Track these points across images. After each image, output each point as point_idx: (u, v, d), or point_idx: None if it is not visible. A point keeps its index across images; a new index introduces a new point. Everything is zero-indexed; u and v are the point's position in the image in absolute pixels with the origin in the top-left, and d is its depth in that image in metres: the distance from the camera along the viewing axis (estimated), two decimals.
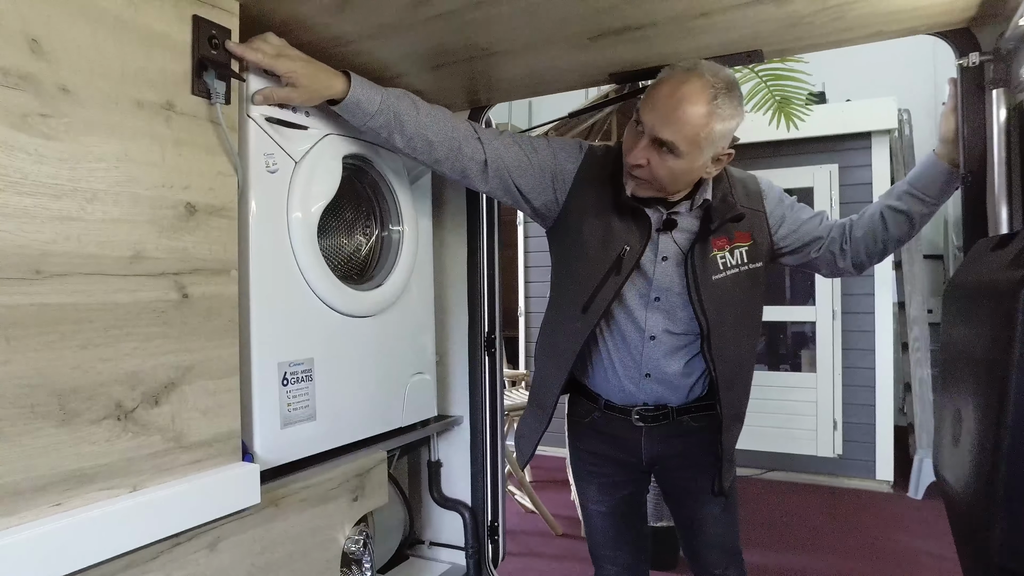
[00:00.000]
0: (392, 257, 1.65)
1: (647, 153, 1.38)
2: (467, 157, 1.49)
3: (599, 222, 1.53)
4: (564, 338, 1.59)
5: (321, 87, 1.36)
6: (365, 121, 1.41)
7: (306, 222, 1.42)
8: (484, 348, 1.97)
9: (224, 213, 1.25)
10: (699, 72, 1.35)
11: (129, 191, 1.10)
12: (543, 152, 1.55)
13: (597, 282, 1.52)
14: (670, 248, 1.52)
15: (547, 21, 1.38)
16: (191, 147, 1.19)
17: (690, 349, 1.56)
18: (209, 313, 1.22)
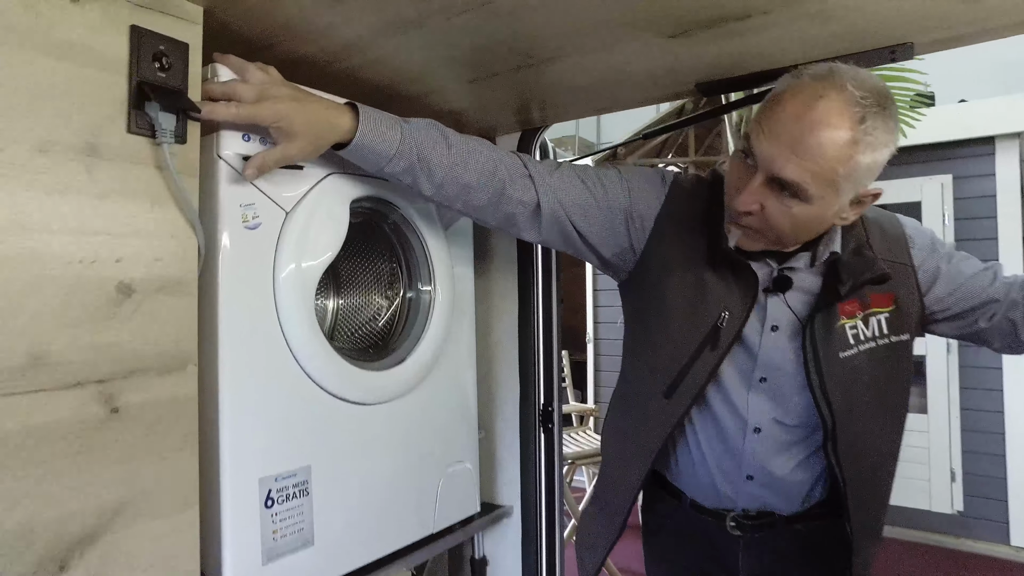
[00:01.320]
0: (421, 324, 1.28)
1: (761, 196, 0.97)
2: (514, 201, 1.11)
3: (689, 278, 1.12)
4: (642, 426, 1.19)
5: (323, 131, 1.00)
6: (382, 166, 1.05)
7: (299, 291, 1.07)
8: (539, 423, 1.58)
9: (178, 289, 0.91)
10: (838, 82, 0.92)
11: (23, 273, 0.77)
12: (614, 187, 1.16)
13: (686, 358, 1.12)
14: (782, 314, 1.10)
15: (612, 12, 0.98)
16: (126, 203, 0.86)
17: (807, 445, 1.14)
18: (154, 428, 0.88)
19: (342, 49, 1.11)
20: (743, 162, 1.00)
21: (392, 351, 1.25)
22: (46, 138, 0.79)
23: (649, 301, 1.18)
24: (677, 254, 1.14)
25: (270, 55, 1.12)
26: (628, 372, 1.27)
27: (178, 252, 0.91)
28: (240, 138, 1.00)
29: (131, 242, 0.86)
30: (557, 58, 1.14)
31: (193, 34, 0.93)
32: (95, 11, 0.84)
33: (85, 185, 0.82)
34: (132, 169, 0.86)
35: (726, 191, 1.06)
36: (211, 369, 0.98)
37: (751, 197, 0.97)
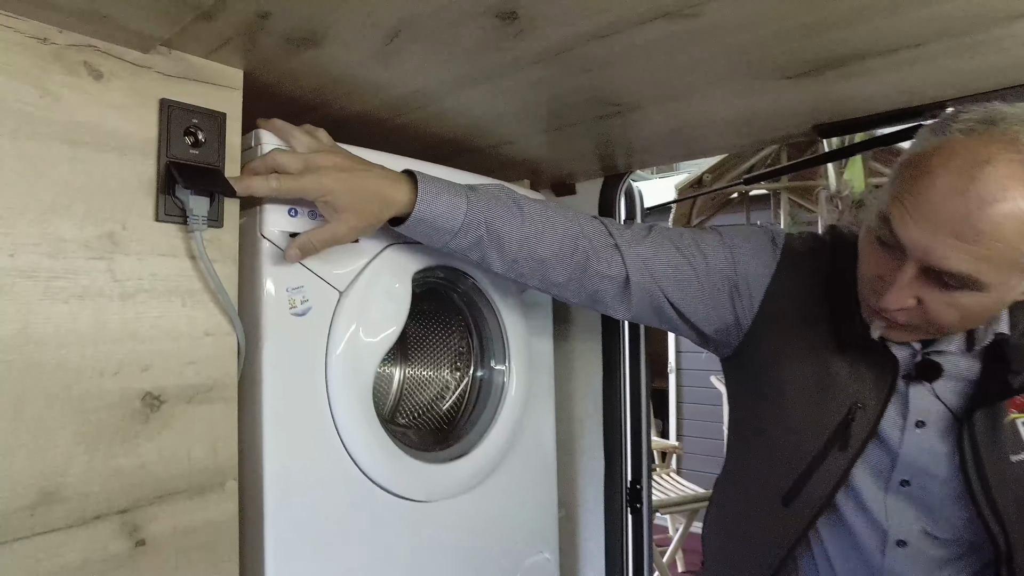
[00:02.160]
0: (492, 409, 1.12)
1: (916, 290, 0.76)
2: (599, 275, 0.94)
3: (809, 362, 0.92)
4: (755, 535, 0.98)
5: (375, 206, 0.85)
6: (446, 242, 0.90)
7: (354, 383, 0.93)
8: (627, 503, 1.39)
9: (215, 395, 0.79)
10: (1005, 134, 0.69)
11: (34, 393, 0.66)
12: (715, 253, 0.96)
13: (808, 459, 0.91)
14: (930, 407, 0.88)
15: (719, 54, 0.80)
16: (153, 303, 0.74)
17: (967, 564, 0.91)
18: (187, 557, 0.76)
19: (402, 103, 0.97)
20: (877, 248, 0.79)
21: (458, 439, 1.10)
22: (62, 237, 0.68)
23: (759, 385, 0.98)
24: (793, 332, 0.94)
25: (321, 115, 0.99)
26: (736, 462, 1.07)
27: (215, 353, 0.79)
28: (286, 213, 0.87)
29: (160, 346, 0.75)
30: (649, 104, 0.97)
31: (231, 102, 0.82)
32: (120, 88, 0.73)
33: (107, 287, 0.71)
34: (161, 263, 0.75)
35: (862, 279, 0.84)
36: (254, 482, 0.85)
37: (903, 293, 0.75)
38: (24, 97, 0.66)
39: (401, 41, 0.76)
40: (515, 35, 0.74)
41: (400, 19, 0.71)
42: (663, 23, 0.71)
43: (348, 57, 0.80)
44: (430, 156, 1.13)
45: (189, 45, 0.76)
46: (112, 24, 0.68)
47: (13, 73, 0.66)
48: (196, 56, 0.78)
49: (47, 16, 0.67)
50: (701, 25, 0.72)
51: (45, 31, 0.68)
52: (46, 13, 0.66)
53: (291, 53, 0.79)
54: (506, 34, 0.74)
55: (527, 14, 0.69)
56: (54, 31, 0.69)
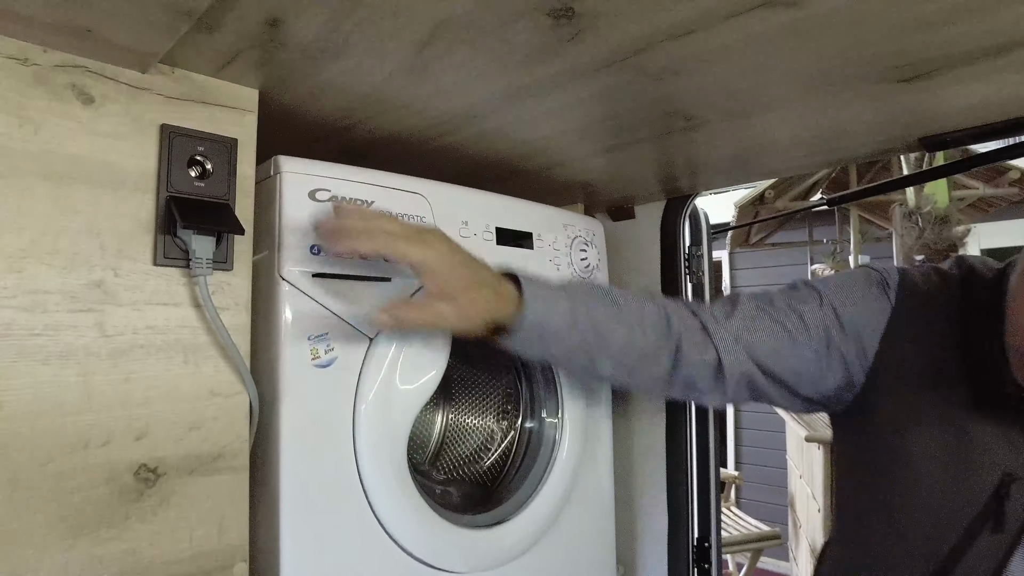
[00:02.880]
0: (541, 467, 0.97)
1: None
2: (691, 362, 0.77)
3: (943, 424, 0.74)
4: None
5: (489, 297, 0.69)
6: (548, 348, 0.75)
7: (386, 444, 0.80)
8: (694, 562, 1.22)
9: (222, 464, 0.67)
10: None
11: (2, 472, 0.55)
12: (815, 316, 0.77)
13: (950, 545, 0.73)
14: None
15: (820, 55, 0.65)
16: (150, 360, 0.63)
17: None
18: None
19: (441, 123, 0.85)
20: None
21: (501, 500, 0.95)
22: (42, 288, 0.58)
23: (879, 455, 0.80)
24: (919, 389, 0.76)
25: (348, 138, 0.88)
26: (854, 541, 0.87)
27: (222, 415, 0.68)
28: (307, 251, 0.76)
29: (157, 410, 0.63)
30: (726, 118, 0.82)
31: (243, 126, 0.71)
32: (114, 114, 0.62)
33: (94, 343, 0.60)
34: (159, 314, 0.64)
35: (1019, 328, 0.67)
36: (270, 565, 0.73)
37: None
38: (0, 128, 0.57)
39: (435, 49, 0.63)
40: (571, 37, 0.61)
41: (433, 22, 0.58)
42: (760, 15, 0.56)
43: (375, 70, 0.68)
44: (472, 181, 1.00)
45: (193, 62, 0.65)
46: (98, 40, 0.58)
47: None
48: (203, 74, 0.67)
49: (25, 32, 0.57)
50: (803, 18, 0.57)
51: (26, 50, 0.58)
52: (23, 29, 0.56)
53: (311, 68, 0.67)
54: (560, 36, 0.61)
55: (586, 10, 0.56)
56: (37, 50, 0.59)
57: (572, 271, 1.06)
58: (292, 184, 0.76)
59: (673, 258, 1.25)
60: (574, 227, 1.08)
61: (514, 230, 0.98)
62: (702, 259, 1.26)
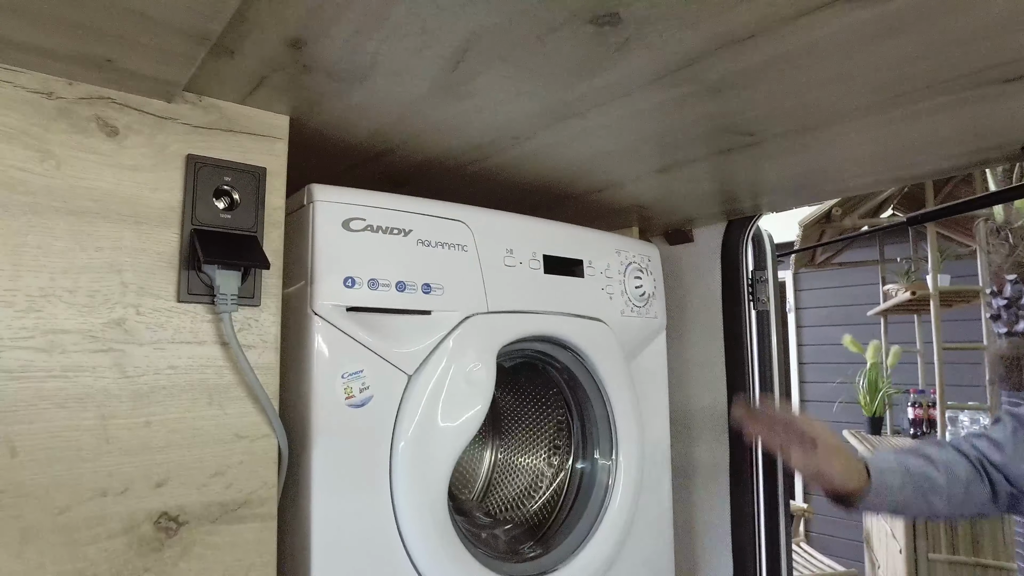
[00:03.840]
0: (594, 510, 0.89)
1: None
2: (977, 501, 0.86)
3: None
4: None
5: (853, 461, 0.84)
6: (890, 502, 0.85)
7: (426, 490, 0.74)
8: None
9: (248, 513, 0.63)
10: None
11: (10, 524, 0.52)
12: None
13: None
14: None
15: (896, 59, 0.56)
16: (171, 404, 0.59)
17: None
18: None
19: (481, 146, 0.79)
20: None
21: (549, 547, 0.87)
22: (60, 328, 0.55)
23: None
24: None
25: (384, 164, 0.83)
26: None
27: (249, 460, 0.63)
28: (341, 283, 0.71)
29: (179, 455, 0.59)
30: (794, 134, 0.73)
31: (273, 154, 0.67)
32: (139, 145, 0.59)
33: (114, 385, 0.57)
34: (182, 352, 0.60)
35: None
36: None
37: None
38: (20, 163, 0.54)
39: (470, 65, 0.58)
40: (617, 47, 0.54)
41: (463, 36, 0.53)
42: (835, 12, 0.48)
43: (406, 90, 0.63)
44: (519, 206, 0.95)
45: (219, 89, 0.61)
46: (120, 70, 0.55)
47: (8, 135, 0.54)
48: (230, 102, 0.64)
49: (50, 66, 0.54)
50: (889, 14, 0.49)
51: (50, 84, 0.56)
52: (47, 62, 0.54)
53: (339, 90, 0.63)
54: (605, 46, 0.54)
55: (633, 16, 0.49)
56: (62, 83, 0.57)
57: (626, 299, 0.98)
58: (325, 213, 0.71)
59: (735, 284, 1.15)
60: (628, 252, 1.01)
61: (563, 257, 0.92)
62: (767, 284, 1.16)
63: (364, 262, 0.73)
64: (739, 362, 1.14)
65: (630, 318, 0.98)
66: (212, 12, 0.47)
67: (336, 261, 0.71)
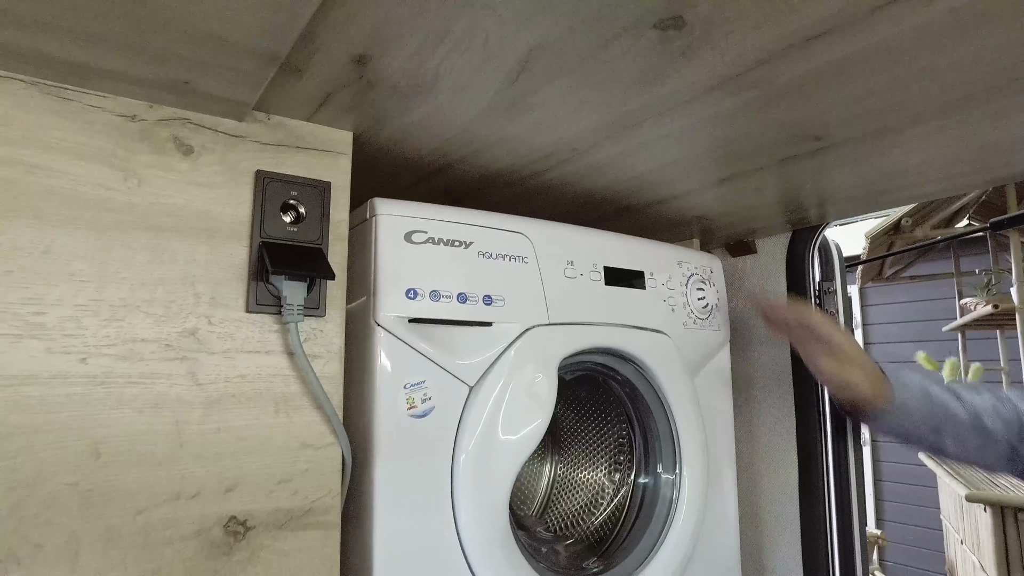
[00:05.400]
0: (658, 526, 0.85)
1: None
2: None
3: None
4: None
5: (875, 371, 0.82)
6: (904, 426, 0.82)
7: (489, 501, 0.73)
8: None
9: (312, 520, 0.63)
10: None
11: (90, 525, 0.53)
12: None
13: None
14: None
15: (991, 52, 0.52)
16: (240, 411, 0.60)
17: None
18: None
19: (540, 159, 0.78)
20: None
21: (612, 563, 0.84)
22: (139, 337, 0.56)
23: None
24: None
25: (445, 179, 0.83)
26: None
27: (314, 469, 0.63)
28: (403, 295, 0.71)
29: (247, 461, 0.60)
30: (867, 137, 0.69)
31: (337, 169, 0.68)
32: (212, 163, 0.61)
33: (187, 392, 0.58)
34: (251, 362, 0.61)
35: None
36: None
37: None
38: (107, 182, 0.56)
39: (530, 77, 0.57)
40: (681, 52, 0.52)
41: (525, 49, 0.52)
42: (921, 3, 0.45)
43: (468, 105, 0.63)
44: (578, 219, 0.93)
45: (287, 107, 0.63)
46: (197, 92, 0.57)
47: (96, 157, 0.56)
48: (297, 119, 0.65)
49: (134, 91, 0.57)
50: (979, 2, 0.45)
51: (134, 108, 0.58)
52: (132, 87, 0.56)
53: (402, 106, 0.63)
54: (669, 53, 0.52)
55: (698, 19, 0.48)
56: (143, 107, 0.59)
57: (688, 311, 0.95)
58: (387, 226, 0.72)
59: (802, 295, 1.10)
60: (689, 264, 0.98)
61: (624, 269, 0.89)
62: (835, 295, 1.10)
63: (426, 274, 0.72)
64: (807, 377, 1.08)
65: (693, 330, 0.95)
66: (282, 33, 0.48)
67: (398, 273, 0.71)
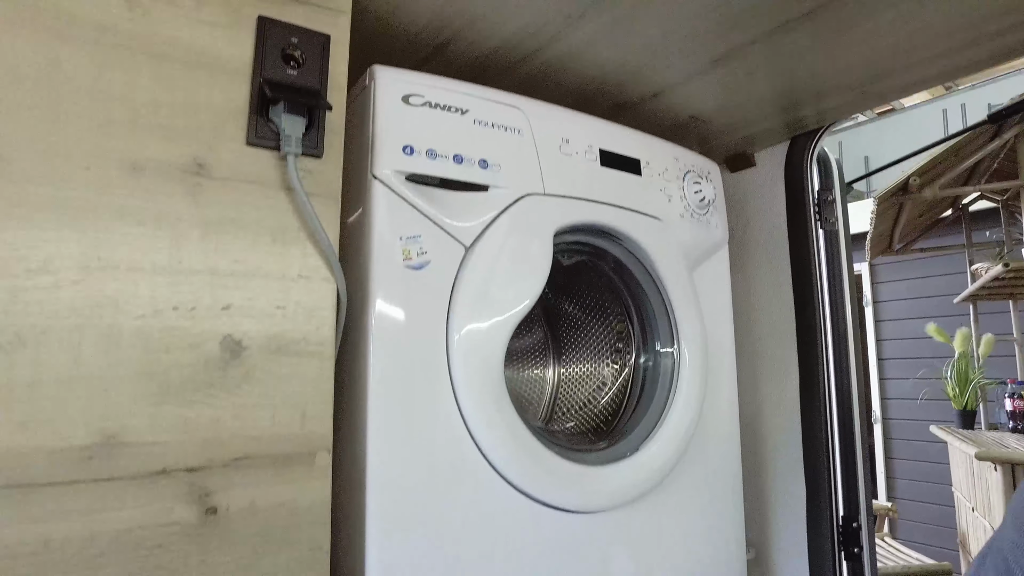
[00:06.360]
0: (661, 399, 0.84)
1: None
2: None
3: None
4: None
5: None
6: None
7: (484, 354, 0.73)
8: (839, 545, 1.01)
9: (307, 349, 0.63)
10: None
11: (96, 323, 0.54)
12: None
13: None
14: None
15: None
16: (239, 234, 0.61)
17: None
18: (267, 541, 0.59)
19: (538, 33, 0.78)
20: None
21: (620, 437, 0.84)
22: (142, 155, 0.57)
23: None
24: None
25: (448, 55, 0.84)
26: None
27: (308, 299, 0.64)
28: (400, 150, 0.71)
29: (244, 285, 0.61)
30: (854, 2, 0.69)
31: (337, 27, 0.68)
32: (216, 4, 0.62)
33: (187, 211, 0.59)
34: (249, 192, 0.62)
35: None
36: (353, 464, 0.67)
37: None
38: (111, 8, 0.58)
39: None
40: None
41: None
42: None
43: None
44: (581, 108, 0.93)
45: None
46: None
47: None
48: None
49: None
50: None
51: None
52: None
53: None
54: None
55: None
56: None
57: (685, 204, 0.94)
58: (385, 88, 0.72)
59: (801, 205, 1.08)
60: (686, 160, 0.97)
61: (619, 154, 0.89)
62: (834, 204, 1.08)
63: (422, 133, 0.73)
64: (807, 283, 1.06)
65: (690, 223, 0.94)
66: None
67: (396, 130, 0.72)
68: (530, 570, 0.74)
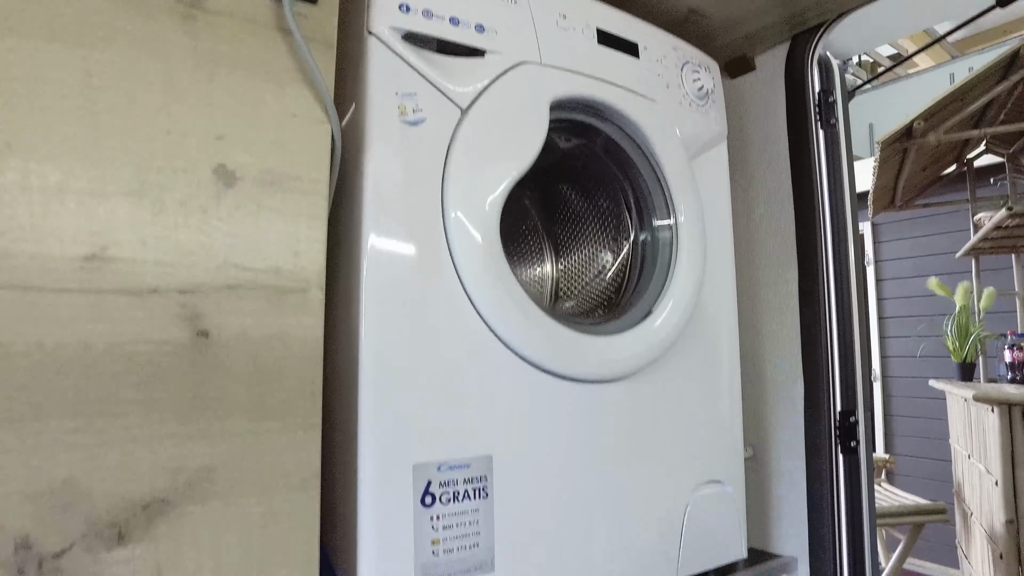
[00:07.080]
0: (663, 271, 0.83)
1: None
2: None
3: None
4: None
5: None
6: None
7: (479, 213, 0.71)
8: (836, 439, 0.99)
9: (300, 186, 0.62)
10: None
11: (88, 137, 0.53)
12: None
13: None
14: None
15: None
16: (234, 69, 0.60)
17: None
18: (259, 370, 0.58)
19: None
20: None
21: (624, 311, 0.82)
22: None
23: None
24: None
25: None
26: None
27: (302, 137, 0.62)
28: (396, 7, 0.70)
29: (237, 115, 0.59)
30: None
31: None
32: None
33: (179, 42, 0.57)
34: (244, 29, 0.60)
35: None
36: (348, 301, 0.66)
37: None
38: None
39: None
40: None
41: None
42: None
43: None
44: None
45: None
46: None
47: None
48: None
49: None
50: None
51: None
52: None
53: None
54: None
55: None
56: None
57: (683, 92, 0.92)
58: None
59: (802, 106, 1.06)
60: (685, 51, 0.94)
61: (617, 36, 0.87)
62: (835, 105, 1.06)
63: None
64: (807, 183, 1.04)
65: (688, 110, 0.92)
66: None
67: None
68: (530, 432, 0.73)
